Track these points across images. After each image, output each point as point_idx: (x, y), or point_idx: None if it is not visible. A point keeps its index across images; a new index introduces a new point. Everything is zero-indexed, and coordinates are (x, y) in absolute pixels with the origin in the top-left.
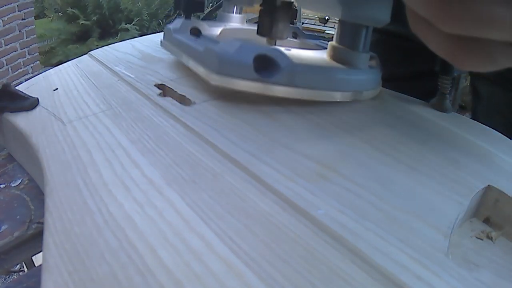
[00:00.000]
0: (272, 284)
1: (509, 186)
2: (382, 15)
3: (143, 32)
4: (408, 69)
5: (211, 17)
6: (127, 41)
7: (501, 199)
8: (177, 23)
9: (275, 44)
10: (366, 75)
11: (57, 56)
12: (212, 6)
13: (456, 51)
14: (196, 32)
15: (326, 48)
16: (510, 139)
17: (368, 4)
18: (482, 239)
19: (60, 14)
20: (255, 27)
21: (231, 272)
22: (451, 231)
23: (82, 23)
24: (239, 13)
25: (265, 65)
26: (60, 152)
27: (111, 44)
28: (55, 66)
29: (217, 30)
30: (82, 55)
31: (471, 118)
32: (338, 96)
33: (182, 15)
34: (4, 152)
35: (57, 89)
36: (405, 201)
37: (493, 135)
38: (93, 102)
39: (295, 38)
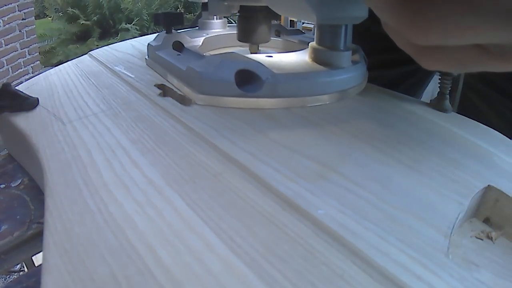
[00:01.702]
0: (272, 284)
1: (509, 186)
2: (359, 12)
3: (144, 32)
4: (375, 57)
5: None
6: (127, 41)
7: (501, 199)
8: (159, 39)
9: (258, 49)
10: (348, 73)
11: (57, 56)
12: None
13: (422, 57)
14: (178, 46)
15: (309, 42)
16: (510, 139)
17: (343, 5)
18: (482, 239)
19: (61, 14)
20: (236, 31)
21: (231, 272)
22: (451, 231)
23: (82, 23)
24: (220, 19)
25: (247, 79)
26: (60, 152)
27: (111, 44)
28: (55, 66)
29: (199, 41)
30: (82, 55)
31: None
32: (322, 99)
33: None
34: (4, 152)
35: None
36: (405, 201)
37: (493, 135)
38: (93, 102)
39: (278, 36)
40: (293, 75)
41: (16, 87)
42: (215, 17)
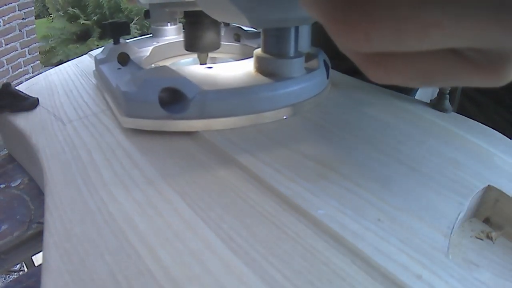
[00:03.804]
0: (272, 284)
1: (509, 186)
2: (305, 12)
3: (143, 31)
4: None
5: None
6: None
7: (501, 199)
8: (105, 51)
9: (207, 57)
10: (299, 84)
11: (57, 56)
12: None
13: (368, 67)
14: (124, 58)
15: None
16: (510, 139)
17: (280, 5)
18: (482, 239)
19: (61, 13)
20: None
21: (231, 272)
22: (451, 231)
23: (82, 23)
24: (174, 25)
25: (175, 98)
26: (60, 152)
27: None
28: (55, 66)
29: (147, 51)
30: (82, 55)
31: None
32: (266, 117)
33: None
34: (4, 152)
35: None
36: (405, 201)
37: (493, 135)
38: (93, 102)
39: (238, 40)
40: (226, 91)
41: (16, 87)
42: (168, 23)
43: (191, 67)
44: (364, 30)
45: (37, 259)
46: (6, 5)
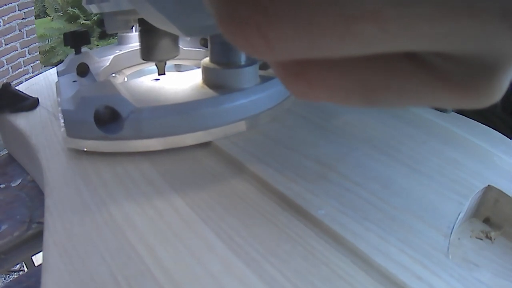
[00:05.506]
0: (272, 284)
1: (509, 186)
2: None
3: None
4: None
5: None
6: None
7: (501, 199)
8: (66, 61)
9: (165, 65)
10: (251, 96)
11: (57, 56)
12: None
13: (286, 79)
14: (83, 68)
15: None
16: (510, 139)
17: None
18: (481, 239)
19: (61, 13)
20: None
21: (231, 272)
22: (451, 231)
23: (82, 23)
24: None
25: (113, 116)
26: (60, 152)
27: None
28: (55, 66)
29: (107, 60)
30: None
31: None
32: (215, 133)
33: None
34: (4, 152)
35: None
36: (405, 201)
37: (493, 135)
38: None
39: (206, 46)
40: (163, 108)
41: (16, 87)
42: (133, 29)
43: (138, 80)
44: (259, 31)
45: (37, 259)
46: (6, 5)
